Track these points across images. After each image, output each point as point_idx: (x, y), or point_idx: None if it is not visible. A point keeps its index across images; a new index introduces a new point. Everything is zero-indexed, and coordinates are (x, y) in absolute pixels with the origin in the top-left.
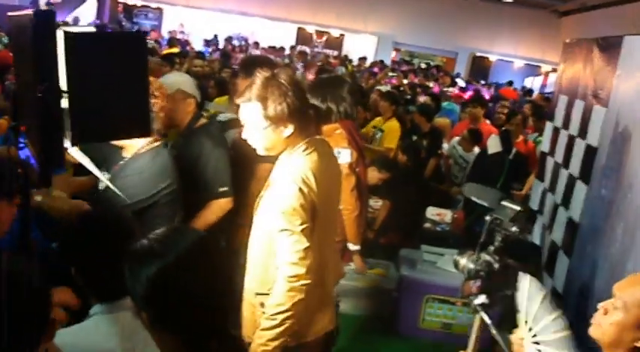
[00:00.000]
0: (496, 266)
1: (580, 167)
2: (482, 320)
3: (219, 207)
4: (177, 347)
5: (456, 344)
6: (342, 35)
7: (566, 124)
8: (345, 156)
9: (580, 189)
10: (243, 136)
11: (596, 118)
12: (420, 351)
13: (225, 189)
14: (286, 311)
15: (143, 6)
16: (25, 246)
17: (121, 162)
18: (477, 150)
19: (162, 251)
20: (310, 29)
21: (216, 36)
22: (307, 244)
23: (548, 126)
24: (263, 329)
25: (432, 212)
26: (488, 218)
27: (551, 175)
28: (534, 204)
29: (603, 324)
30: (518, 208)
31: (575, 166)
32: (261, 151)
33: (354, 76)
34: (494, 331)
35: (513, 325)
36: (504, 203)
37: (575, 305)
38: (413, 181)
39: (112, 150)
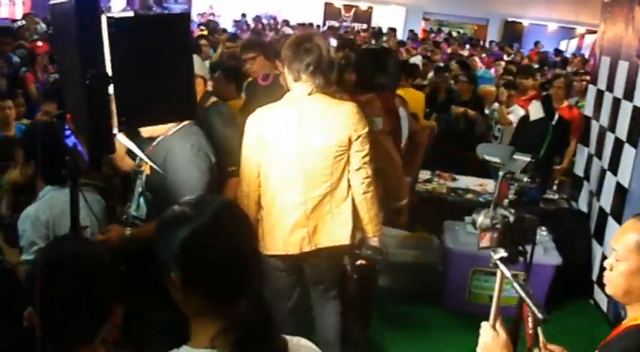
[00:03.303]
0: (511, 218)
1: (628, 130)
2: (503, 274)
3: (235, 185)
4: (203, 309)
5: (506, 317)
6: (370, 8)
7: (610, 86)
8: (377, 124)
9: (629, 152)
10: None
11: None
12: (469, 326)
13: (234, 168)
14: None
15: None
16: (74, 230)
17: (154, 144)
18: (520, 112)
19: (195, 214)
20: (338, 3)
21: (244, 15)
22: None
23: (591, 89)
24: None
25: (473, 183)
26: (500, 173)
27: (596, 140)
28: (579, 170)
29: (612, 279)
30: (528, 159)
31: (623, 129)
32: None
33: None
34: (515, 284)
35: None
36: (515, 156)
37: None
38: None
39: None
